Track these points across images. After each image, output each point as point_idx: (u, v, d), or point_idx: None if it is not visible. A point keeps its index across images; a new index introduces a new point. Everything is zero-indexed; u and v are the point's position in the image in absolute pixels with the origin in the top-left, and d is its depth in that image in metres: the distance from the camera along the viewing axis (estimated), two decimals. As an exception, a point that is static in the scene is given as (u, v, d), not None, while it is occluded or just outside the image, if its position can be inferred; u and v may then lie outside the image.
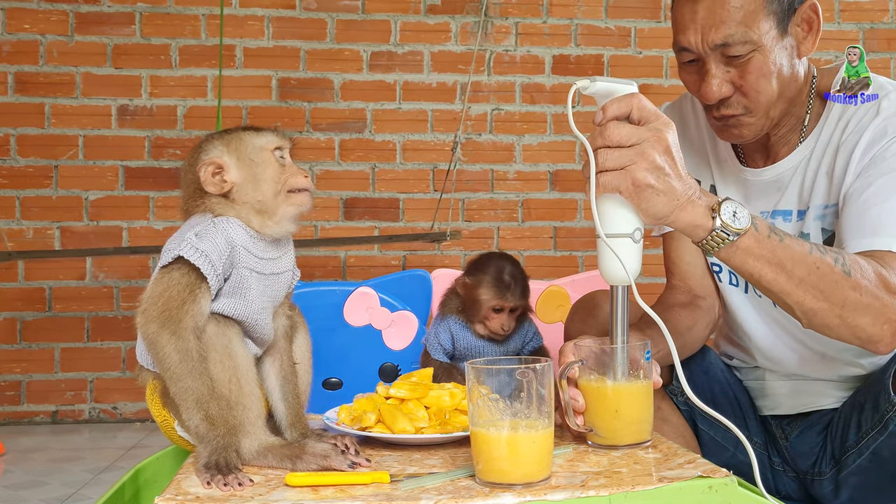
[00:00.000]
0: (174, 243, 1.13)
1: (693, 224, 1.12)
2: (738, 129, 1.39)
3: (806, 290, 1.18)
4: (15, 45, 3.50)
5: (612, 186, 1.08)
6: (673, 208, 1.10)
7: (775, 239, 1.16)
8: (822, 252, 1.19)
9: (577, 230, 3.75)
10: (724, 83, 1.34)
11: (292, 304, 1.28)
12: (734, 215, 1.12)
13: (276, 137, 1.19)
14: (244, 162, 1.17)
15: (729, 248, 1.14)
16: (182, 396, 1.08)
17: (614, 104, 1.10)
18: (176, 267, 1.10)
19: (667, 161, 1.08)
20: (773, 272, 1.16)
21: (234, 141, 1.18)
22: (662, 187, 1.08)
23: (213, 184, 1.16)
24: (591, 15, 3.75)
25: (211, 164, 1.16)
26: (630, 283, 1.13)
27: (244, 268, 1.14)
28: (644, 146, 1.07)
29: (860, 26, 3.84)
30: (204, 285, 1.10)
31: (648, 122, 1.09)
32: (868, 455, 1.38)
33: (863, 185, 1.32)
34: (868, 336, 1.22)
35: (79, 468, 2.74)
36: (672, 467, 1.05)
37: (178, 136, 3.59)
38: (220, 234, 1.12)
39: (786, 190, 1.45)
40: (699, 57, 1.35)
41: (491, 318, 1.58)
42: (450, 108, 3.69)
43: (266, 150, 1.17)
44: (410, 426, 1.19)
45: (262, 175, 1.16)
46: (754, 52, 1.31)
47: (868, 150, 1.34)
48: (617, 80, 1.13)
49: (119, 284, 3.54)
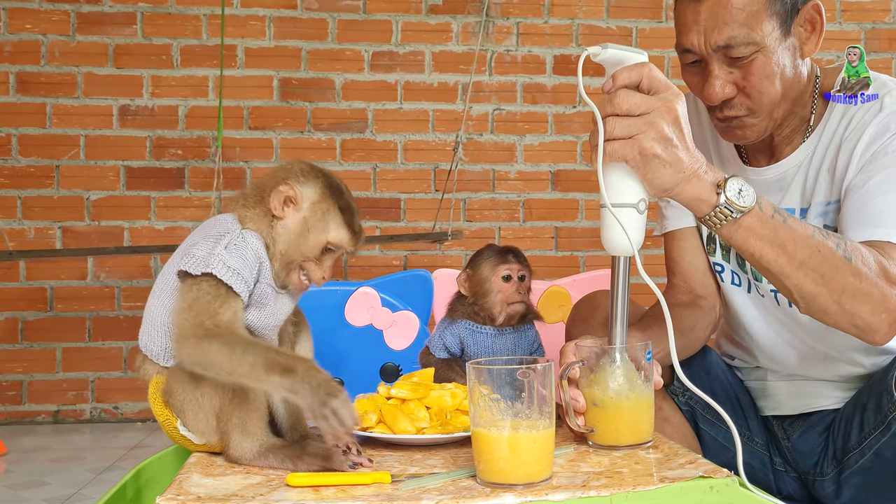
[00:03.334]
0: (201, 250, 1.11)
1: (697, 198, 1.11)
2: (742, 131, 1.39)
3: (806, 272, 1.17)
4: (16, 45, 3.50)
5: (619, 155, 1.07)
6: (678, 181, 1.09)
7: (779, 219, 1.15)
8: (824, 236, 1.18)
9: (578, 230, 3.75)
10: (726, 84, 1.34)
11: (297, 309, 1.29)
12: (739, 192, 1.11)
13: (345, 240, 1.19)
14: (306, 224, 1.17)
15: (731, 226, 1.13)
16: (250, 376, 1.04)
17: (625, 72, 1.09)
18: (205, 279, 1.10)
19: (675, 132, 1.07)
20: (775, 253, 1.15)
21: (323, 206, 1.18)
22: (669, 158, 1.07)
23: (278, 203, 1.16)
24: (593, 15, 3.75)
25: (294, 192, 1.16)
26: (633, 254, 1.12)
27: (266, 284, 1.16)
28: (653, 115, 1.06)
29: (861, 26, 3.84)
30: (235, 299, 1.11)
31: (658, 91, 1.08)
32: (870, 455, 1.37)
33: (864, 179, 1.32)
34: (865, 324, 1.21)
35: (80, 468, 2.74)
36: (673, 467, 1.05)
37: (179, 136, 3.59)
38: (249, 248, 1.13)
39: (788, 188, 1.45)
40: (702, 58, 1.34)
41: (503, 289, 1.57)
42: (451, 108, 3.69)
43: (325, 238, 1.17)
44: (411, 426, 1.19)
45: (301, 246, 1.17)
46: (757, 54, 1.31)
47: (870, 145, 1.34)
48: (628, 49, 1.12)
49: (120, 284, 3.55)
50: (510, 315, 1.57)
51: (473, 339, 1.58)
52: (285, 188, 1.16)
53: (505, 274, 1.58)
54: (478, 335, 1.58)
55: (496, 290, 1.57)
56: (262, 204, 1.17)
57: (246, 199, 1.18)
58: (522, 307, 1.58)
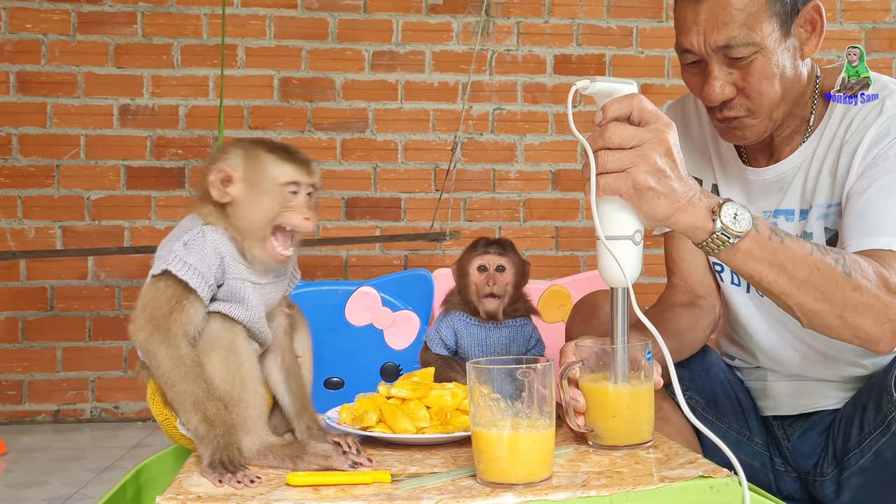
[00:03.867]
0: (164, 251, 1.13)
1: (693, 226, 1.12)
2: (742, 131, 1.39)
3: (807, 291, 1.18)
4: (17, 44, 3.51)
5: (612, 189, 1.08)
6: (673, 210, 1.09)
7: (776, 241, 1.16)
8: (822, 253, 1.19)
9: (578, 230, 3.75)
10: (726, 85, 1.34)
11: (291, 303, 1.28)
12: (735, 217, 1.11)
13: (294, 172, 1.14)
14: (251, 184, 1.14)
15: (729, 251, 1.13)
16: (178, 400, 1.08)
17: (614, 105, 1.09)
18: (163, 278, 1.10)
19: (668, 163, 1.07)
20: (774, 274, 1.16)
21: (252, 158, 1.15)
22: (663, 189, 1.07)
23: (217, 190, 1.14)
24: (593, 15, 3.75)
25: (222, 171, 1.14)
26: (628, 287, 1.13)
27: (235, 279, 1.14)
28: (645, 148, 1.06)
29: (862, 26, 3.84)
30: (192, 296, 1.10)
31: (649, 123, 1.08)
32: (870, 456, 1.37)
33: (865, 185, 1.32)
34: (868, 336, 1.22)
35: (80, 467, 2.74)
36: (673, 467, 1.05)
37: (179, 135, 3.59)
38: (208, 244, 1.12)
39: (788, 189, 1.45)
40: (701, 58, 1.34)
41: (479, 280, 1.55)
42: (451, 108, 3.69)
43: (276, 183, 1.14)
44: (412, 426, 1.19)
45: (259, 205, 1.13)
46: (757, 55, 1.31)
47: (871, 149, 1.34)
48: (617, 80, 1.12)
49: (120, 284, 3.55)
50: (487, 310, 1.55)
51: (467, 331, 1.57)
52: (215, 173, 1.14)
53: (479, 264, 1.56)
54: (471, 327, 1.57)
55: (472, 281, 1.56)
56: (209, 202, 1.16)
57: (198, 201, 1.17)
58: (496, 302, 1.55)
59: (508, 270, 1.56)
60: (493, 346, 1.57)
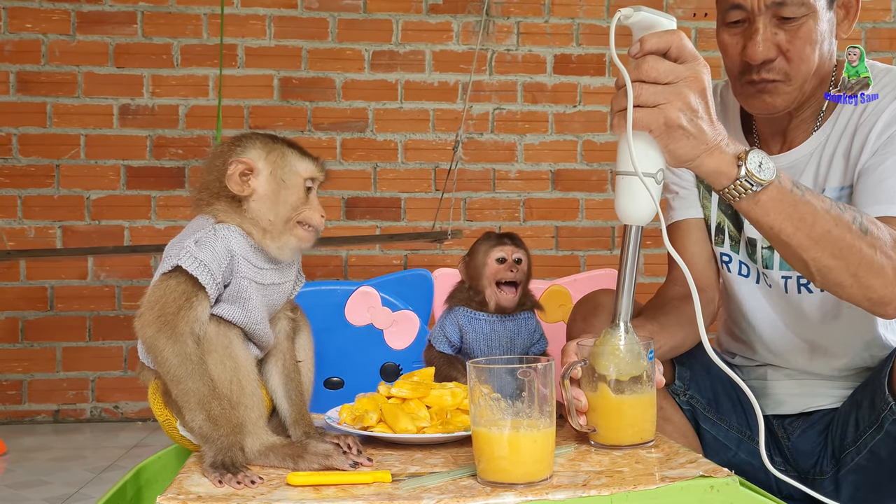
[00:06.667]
0: (174, 249, 1.12)
1: (717, 171, 1.10)
2: (772, 97, 1.38)
3: (824, 246, 1.16)
4: (17, 44, 3.50)
5: (643, 124, 1.05)
6: (700, 152, 1.08)
7: (797, 193, 1.14)
8: (841, 210, 1.18)
9: (578, 230, 3.75)
10: (771, 45, 1.34)
11: (295, 306, 1.28)
12: (760, 166, 1.10)
13: (314, 168, 1.18)
14: (276, 178, 1.15)
15: (750, 199, 1.12)
16: (184, 398, 1.08)
17: (654, 38, 1.06)
18: (174, 275, 1.10)
19: (701, 103, 1.06)
20: (793, 226, 1.15)
21: (275, 152, 1.16)
22: (693, 130, 1.05)
23: (238, 183, 1.14)
24: (593, 14, 3.75)
25: (244, 163, 1.14)
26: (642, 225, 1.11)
27: (243, 277, 1.14)
28: (681, 85, 1.04)
29: (862, 26, 3.84)
30: (201, 293, 1.10)
31: (686, 61, 1.06)
32: (866, 454, 1.38)
33: (879, 160, 1.33)
34: (879, 297, 1.21)
35: (80, 467, 2.74)
36: (674, 467, 1.05)
37: (179, 135, 3.59)
38: (219, 241, 1.12)
39: (801, 176, 1.45)
40: (748, 17, 1.34)
41: (498, 271, 1.57)
42: (451, 108, 3.69)
43: (300, 177, 1.16)
44: (412, 426, 1.19)
45: (285, 199, 1.15)
46: (807, 17, 1.32)
47: (885, 129, 1.35)
48: (659, 13, 1.10)
49: (121, 284, 3.55)
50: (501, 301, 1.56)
51: (472, 326, 1.57)
52: (235, 166, 1.14)
53: (499, 256, 1.59)
54: (476, 321, 1.57)
55: (491, 274, 1.57)
56: (220, 197, 1.15)
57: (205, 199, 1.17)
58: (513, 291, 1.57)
59: (524, 262, 1.60)
60: (498, 340, 1.58)
